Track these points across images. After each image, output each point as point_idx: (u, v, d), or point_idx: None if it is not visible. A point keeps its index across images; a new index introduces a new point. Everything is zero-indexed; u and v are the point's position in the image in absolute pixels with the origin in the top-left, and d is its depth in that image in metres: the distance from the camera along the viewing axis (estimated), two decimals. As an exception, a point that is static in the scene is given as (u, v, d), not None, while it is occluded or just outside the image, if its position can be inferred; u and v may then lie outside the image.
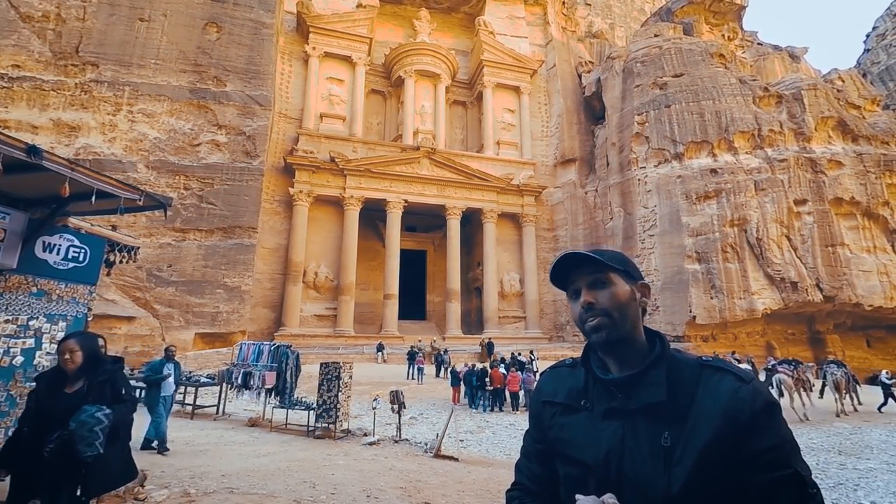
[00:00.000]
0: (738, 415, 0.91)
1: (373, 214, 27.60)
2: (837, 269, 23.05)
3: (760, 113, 25.74)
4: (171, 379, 7.74)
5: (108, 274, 6.29)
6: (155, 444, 7.10)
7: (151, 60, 21.73)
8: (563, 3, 36.70)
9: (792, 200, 23.91)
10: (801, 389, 13.15)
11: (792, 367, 13.31)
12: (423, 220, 30.00)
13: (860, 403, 14.28)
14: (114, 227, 6.74)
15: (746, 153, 25.13)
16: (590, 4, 44.91)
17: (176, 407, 11.27)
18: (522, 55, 33.04)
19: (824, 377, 14.51)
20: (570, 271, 1.13)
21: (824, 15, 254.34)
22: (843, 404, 13.49)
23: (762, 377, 15.29)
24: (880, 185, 24.54)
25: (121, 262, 6.02)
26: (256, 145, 22.48)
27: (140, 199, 4.52)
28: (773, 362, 19.63)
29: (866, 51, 46.82)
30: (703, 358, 1.04)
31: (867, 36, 47.68)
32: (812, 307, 23.37)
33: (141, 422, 7.51)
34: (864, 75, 38.61)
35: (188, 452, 7.16)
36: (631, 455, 0.96)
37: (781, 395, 12.31)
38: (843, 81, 29.18)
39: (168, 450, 7.07)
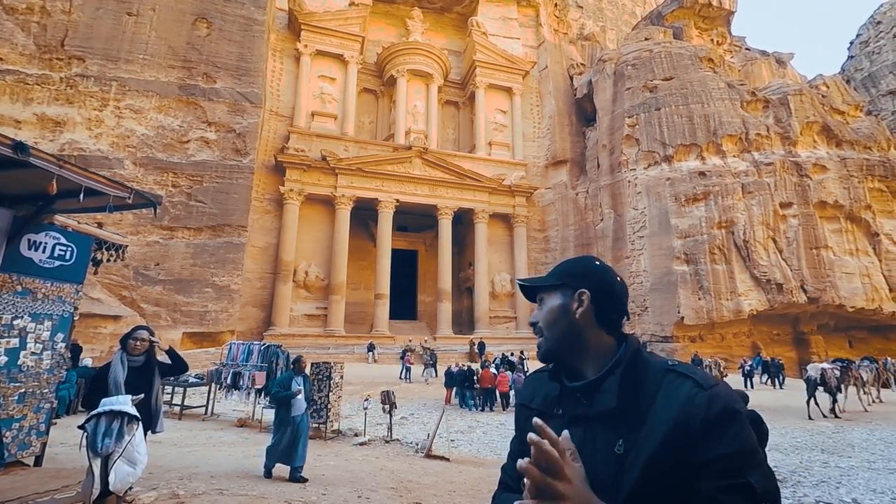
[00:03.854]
0: (690, 422, 0.88)
1: (364, 214, 27.50)
2: (821, 272, 23.53)
3: (748, 117, 26.17)
4: (302, 395, 6.46)
5: (96, 273, 6.20)
6: (269, 466, 6.06)
7: (139, 55, 21.39)
8: (556, 5, 36.92)
9: (778, 203, 24.35)
10: (856, 386, 14.13)
11: (843, 366, 14.03)
12: (415, 219, 29.96)
13: (881, 401, 15.01)
14: (100, 225, 6.63)
15: (734, 156, 25.53)
16: (582, 7, 45.25)
17: (163, 407, 11.14)
18: (515, 56, 33.16)
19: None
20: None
21: (810, 22, 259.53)
22: (870, 397, 14.50)
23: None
24: (863, 189, 25.10)
25: (108, 260, 5.93)
26: (247, 143, 22.26)
27: (129, 197, 4.45)
28: (749, 363, 20.18)
29: (850, 57, 47.85)
30: (671, 363, 1.00)
31: (851, 43, 48.73)
32: (797, 308, 23.83)
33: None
34: (847, 81, 39.48)
35: (176, 453, 7.07)
36: (589, 461, 0.93)
37: (830, 389, 12.88)
38: (827, 87, 29.79)
39: (306, 479, 5.87)
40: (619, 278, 1.13)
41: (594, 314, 1.07)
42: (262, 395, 9.84)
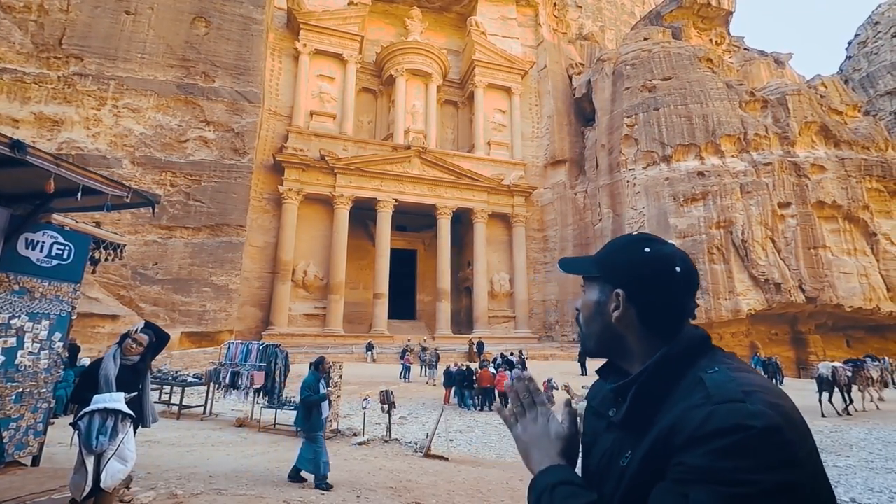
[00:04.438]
0: (674, 436, 0.73)
1: (363, 213, 27.48)
2: (819, 271, 23.58)
3: (746, 117, 26.21)
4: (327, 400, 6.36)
5: (94, 272, 6.18)
6: (306, 475, 5.83)
7: (137, 54, 21.33)
8: (555, 4, 36.92)
9: (776, 203, 24.39)
10: (867, 385, 14.21)
11: (854, 366, 14.15)
12: (414, 219, 29.95)
13: (881, 399, 15.07)
14: (98, 224, 6.62)
15: (733, 156, 25.56)
16: (581, 7, 45.26)
17: (162, 407, 11.12)
18: (514, 56, 33.15)
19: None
20: None
21: (808, 22, 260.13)
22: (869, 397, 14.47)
23: None
24: (861, 189, 25.16)
25: (106, 259, 5.92)
26: (245, 142, 22.22)
27: (127, 196, 4.44)
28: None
29: (848, 58, 47.95)
30: (710, 370, 0.80)
31: (849, 43, 48.83)
32: (795, 308, 23.87)
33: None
34: (846, 82, 39.57)
35: (175, 453, 7.05)
36: (607, 470, 0.88)
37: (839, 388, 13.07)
38: (825, 87, 29.84)
39: (331, 486, 5.71)
40: (677, 268, 0.89)
41: (637, 316, 0.89)
42: (261, 394, 9.83)
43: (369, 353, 22.03)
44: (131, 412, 3.54)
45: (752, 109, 26.80)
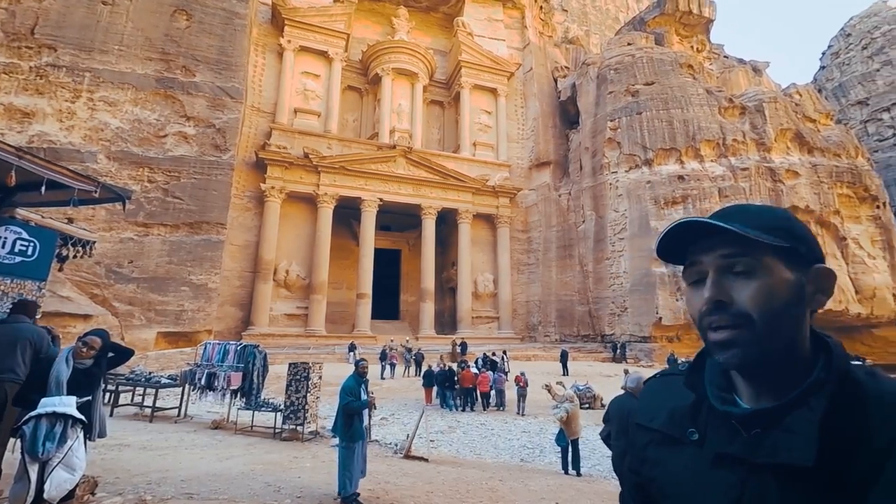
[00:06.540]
0: None
1: (347, 212, 27.23)
2: (793, 274, 24.25)
3: (725, 123, 26.84)
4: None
5: (61, 269, 5.97)
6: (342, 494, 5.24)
7: (115, 46, 20.75)
8: (541, 7, 37.25)
9: (752, 208, 25.01)
10: None
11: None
12: (398, 219, 29.82)
13: None
14: (70, 220, 6.39)
15: (712, 161, 26.15)
16: (567, 11, 45.77)
17: (134, 409, 10.83)
18: (500, 57, 33.31)
19: None
20: (690, 240, 0.76)
21: (785, 32, 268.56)
22: None
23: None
24: (832, 194, 26.00)
25: (74, 256, 5.73)
26: (227, 139, 21.81)
27: (95, 191, 4.29)
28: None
29: (822, 67, 49.60)
30: (887, 387, 0.62)
31: (823, 54, 50.49)
32: (769, 310, 24.50)
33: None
34: (819, 91, 40.88)
35: (146, 456, 6.86)
36: None
37: None
38: (800, 96, 30.76)
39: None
40: None
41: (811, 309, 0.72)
42: (238, 396, 9.64)
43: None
44: (83, 417, 3.30)
45: (730, 115, 27.46)
